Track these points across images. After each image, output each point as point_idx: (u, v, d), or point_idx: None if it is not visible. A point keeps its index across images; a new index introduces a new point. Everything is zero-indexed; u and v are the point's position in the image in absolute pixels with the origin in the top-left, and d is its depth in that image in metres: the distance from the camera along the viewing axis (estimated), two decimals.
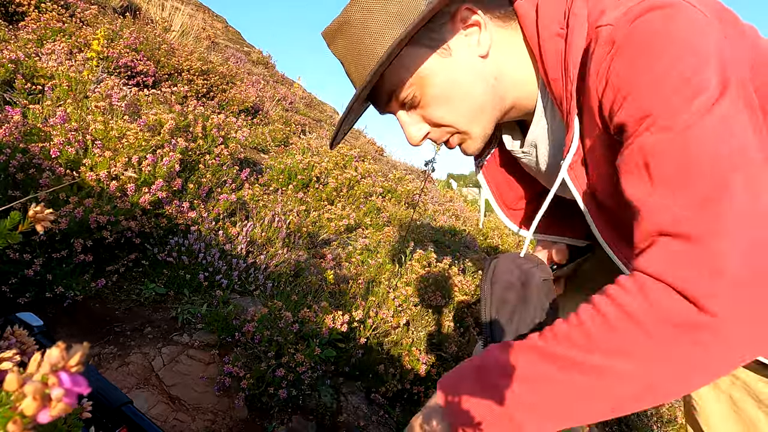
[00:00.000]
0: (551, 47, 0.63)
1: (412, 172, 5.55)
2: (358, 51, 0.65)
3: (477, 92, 0.67)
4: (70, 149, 1.50)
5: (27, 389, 0.15)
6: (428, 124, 0.71)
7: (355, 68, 0.67)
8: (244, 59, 5.65)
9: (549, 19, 0.64)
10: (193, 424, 1.18)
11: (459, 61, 0.66)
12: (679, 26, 0.51)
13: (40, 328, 0.77)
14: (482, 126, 0.71)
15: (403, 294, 1.91)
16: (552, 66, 0.63)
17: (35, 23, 2.53)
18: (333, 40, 0.68)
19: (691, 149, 0.49)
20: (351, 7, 0.65)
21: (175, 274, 1.58)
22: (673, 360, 0.47)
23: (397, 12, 0.62)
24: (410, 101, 0.68)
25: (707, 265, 0.46)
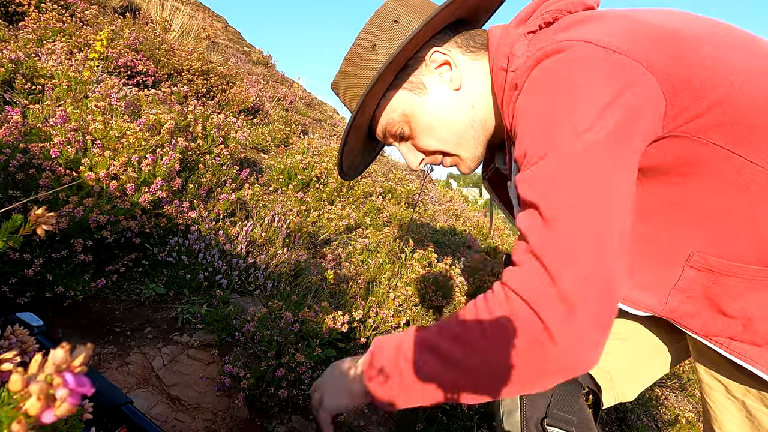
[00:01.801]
0: (498, 80, 0.72)
1: (411, 172, 5.55)
2: (351, 99, 0.80)
3: (455, 120, 0.77)
4: (69, 149, 1.50)
5: (32, 389, 0.15)
6: (421, 152, 0.83)
7: (348, 101, 0.81)
8: (244, 59, 5.64)
9: (498, 53, 0.72)
10: (193, 424, 1.18)
11: (435, 97, 0.77)
12: (562, 71, 0.58)
13: (40, 328, 0.77)
14: (469, 149, 0.80)
15: (404, 294, 1.91)
16: (501, 97, 0.72)
17: (35, 23, 2.53)
18: (338, 91, 0.83)
19: (546, 183, 0.56)
20: (345, 62, 0.79)
21: (175, 274, 1.58)
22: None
23: (374, 64, 0.75)
24: (401, 135, 0.81)
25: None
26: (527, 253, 0.54)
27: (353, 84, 0.78)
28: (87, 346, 0.18)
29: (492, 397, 0.56)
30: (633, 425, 2.07)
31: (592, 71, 0.54)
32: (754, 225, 0.59)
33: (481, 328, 0.56)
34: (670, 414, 2.16)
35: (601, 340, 0.51)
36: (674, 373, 2.66)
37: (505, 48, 0.71)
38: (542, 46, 0.61)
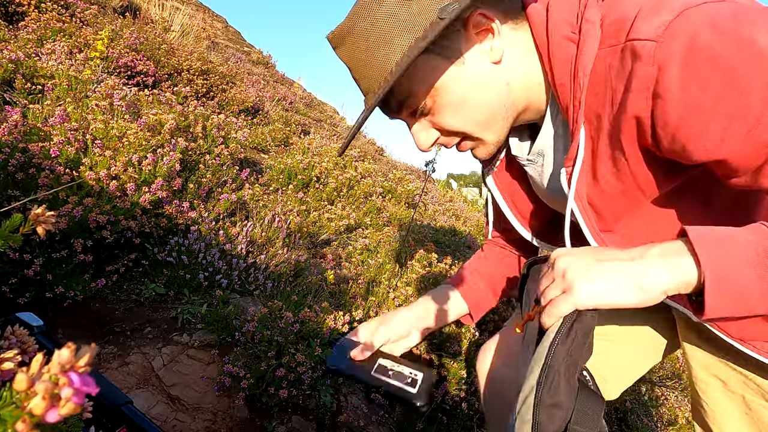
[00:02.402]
0: (560, 51, 0.61)
1: (412, 172, 5.56)
2: (367, 60, 0.63)
3: (490, 100, 0.66)
4: (69, 149, 1.50)
5: (38, 388, 0.15)
6: (438, 131, 0.70)
7: (364, 77, 0.65)
8: (244, 59, 5.64)
9: (560, 21, 0.61)
10: (193, 424, 1.18)
11: (472, 70, 0.64)
12: (735, 35, 0.47)
13: (40, 328, 0.77)
14: (495, 133, 0.69)
15: (404, 294, 1.91)
16: (560, 71, 0.62)
17: (35, 23, 2.53)
18: (339, 45, 0.66)
19: None
20: (356, 13, 0.63)
21: (175, 274, 1.58)
22: None
23: (406, 20, 0.60)
24: (421, 109, 0.67)
25: None
26: None
27: (369, 44, 0.62)
28: (91, 346, 0.18)
29: None
30: (633, 425, 2.07)
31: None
32: None
33: None
34: (670, 414, 2.16)
35: None
36: (674, 373, 2.66)
37: (567, 14, 0.61)
38: (660, 15, 0.51)
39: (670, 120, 0.52)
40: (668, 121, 0.52)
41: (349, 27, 0.64)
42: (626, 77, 0.54)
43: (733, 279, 0.48)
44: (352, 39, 0.64)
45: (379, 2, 0.61)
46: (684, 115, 0.51)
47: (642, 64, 0.52)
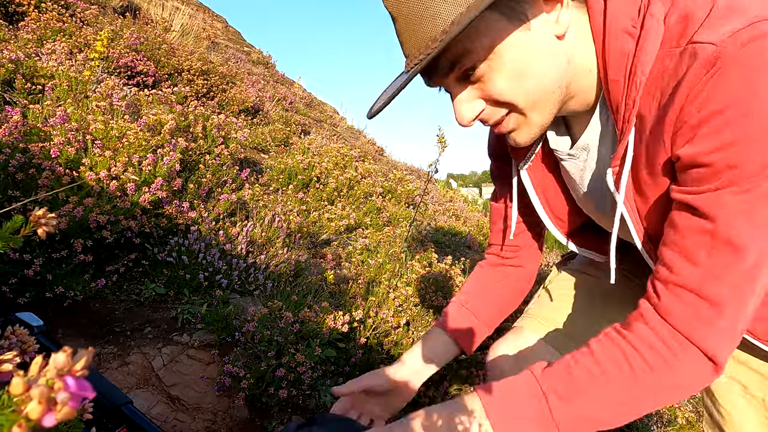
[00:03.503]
0: (617, 45, 0.57)
1: (412, 172, 5.56)
2: (422, 11, 0.55)
3: (548, 74, 0.60)
4: (70, 149, 1.50)
5: (33, 393, 0.15)
6: (485, 101, 0.63)
7: (415, 30, 0.56)
8: (244, 59, 5.64)
9: (620, 12, 0.57)
10: (193, 424, 1.18)
11: (536, 38, 0.58)
12: None
13: (40, 328, 0.77)
14: (543, 114, 0.64)
15: (404, 294, 1.91)
16: (614, 65, 0.58)
17: (35, 23, 2.53)
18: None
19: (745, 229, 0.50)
20: None
21: (175, 274, 1.58)
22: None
23: None
24: (473, 73, 0.60)
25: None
26: (695, 292, 0.54)
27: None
28: (89, 350, 0.18)
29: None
30: (633, 425, 2.07)
31: None
32: None
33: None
34: (670, 414, 2.16)
35: None
36: None
37: (629, 5, 0.57)
38: (733, 24, 0.49)
39: (695, 111, 0.51)
40: (692, 112, 0.52)
41: None
42: (678, 79, 0.52)
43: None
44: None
45: None
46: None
47: (696, 67, 0.50)
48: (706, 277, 0.53)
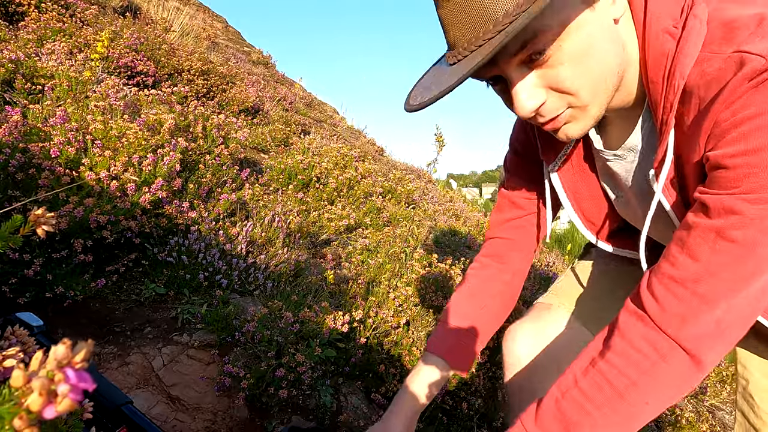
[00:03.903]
0: (658, 44, 0.55)
1: (412, 172, 5.56)
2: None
3: (609, 59, 0.57)
4: (69, 149, 1.50)
5: (34, 384, 0.15)
6: (549, 89, 0.58)
7: (477, 11, 0.51)
8: (244, 59, 5.65)
9: (661, 9, 0.55)
10: (193, 424, 1.18)
11: (600, 18, 0.55)
12: None
13: (40, 328, 0.77)
14: (600, 104, 0.60)
15: (404, 294, 1.91)
16: (654, 65, 0.56)
17: (35, 23, 2.53)
18: None
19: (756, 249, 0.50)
20: None
21: (175, 274, 1.58)
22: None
23: None
24: (539, 57, 0.55)
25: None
26: (690, 287, 0.54)
27: None
28: (88, 342, 0.18)
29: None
30: None
31: None
32: None
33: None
34: (670, 414, 2.16)
35: None
36: None
37: (670, 3, 0.55)
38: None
39: (731, 117, 0.51)
40: (727, 118, 0.51)
41: None
42: (721, 86, 0.51)
43: None
44: None
45: None
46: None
47: (741, 76, 0.49)
48: (704, 272, 0.53)
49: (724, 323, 0.54)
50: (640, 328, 0.58)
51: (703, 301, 0.53)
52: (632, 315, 0.59)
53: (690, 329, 0.54)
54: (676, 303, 0.55)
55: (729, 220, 0.51)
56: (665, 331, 0.55)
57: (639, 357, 0.57)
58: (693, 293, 0.54)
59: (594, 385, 0.59)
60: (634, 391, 0.57)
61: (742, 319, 0.55)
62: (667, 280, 0.56)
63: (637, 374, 0.56)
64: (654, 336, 0.56)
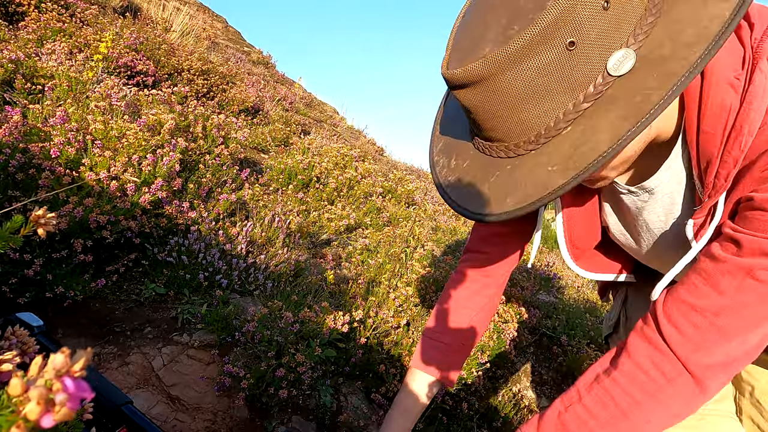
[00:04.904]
0: (717, 96, 0.53)
1: (412, 172, 5.56)
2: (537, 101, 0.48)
3: (639, 143, 0.57)
4: (70, 149, 1.50)
5: (31, 394, 0.15)
6: None
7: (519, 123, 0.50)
8: (244, 59, 5.64)
9: (722, 61, 0.53)
10: (193, 424, 1.18)
11: None
12: None
13: (40, 328, 0.77)
14: (621, 172, 0.62)
15: (404, 294, 1.91)
16: (711, 118, 0.54)
17: (35, 23, 2.53)
18: (480, 79, 0.48)
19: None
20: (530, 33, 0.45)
21: (175, 274, 1.58)
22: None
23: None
24: None
25: None
26: (710, 318, 0.56)
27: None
28: (87, 350, 0.18)
29: None
30: None
31: None
32: None
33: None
34: None
35: None
36: None
37: (731, 57, 0.53)
38: None
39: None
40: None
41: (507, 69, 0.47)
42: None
43: None
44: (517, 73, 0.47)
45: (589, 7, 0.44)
46: None
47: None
48: (726, 307, 0.54)
49: (734, 356, 0.55)
50: (649, 350, 0.59)
51: (720, 334, 0.54)
52: (643, 338, 0.60)
53: (702, 357, 0.55)
54: (692, 330, 0.56)
55: (762, 262, 0.52)
56: (678, 355, 0.56)
57: (645, 379, 0.58)
58: (712, 324, 0.55)
59: (598, 401, 0.60)
60: (637, 410, 0.58)
61: (750, 354, 0.56)
62: (686, 308, 0.57)
63: (642, 395, 0.57)
64: (662, 359, 0.57)
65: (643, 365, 0.58)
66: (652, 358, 0.58)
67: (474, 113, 0.53)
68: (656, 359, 0.58)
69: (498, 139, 0.54)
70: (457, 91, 0.52)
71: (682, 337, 0.56)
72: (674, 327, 0.57)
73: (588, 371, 0.64)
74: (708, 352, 0.55)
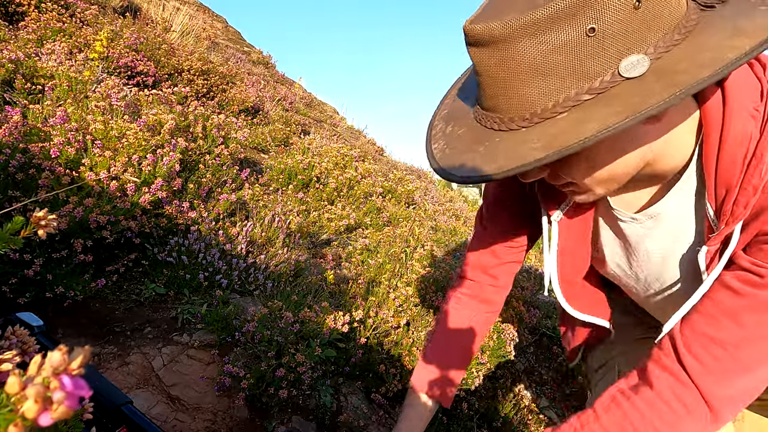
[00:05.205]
0: (739, 125, 0.53)
1: (412, 172, 5.56)
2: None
3: (625, 161, 0.57)
4: (70, 149, 1.50)
5: (29, 392, 0.15)
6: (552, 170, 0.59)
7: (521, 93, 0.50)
8: (244, 59, 5.64)
9: (742, 92, 0.54)
10: (193, 424, 1.18)
11: (656, 129, 0.56)
12: None
13: (40, 328, 0.77)
14: (609, 188, 0.61)
15: (404, 294, 1.91)
16: (732, 147, 0.54)
17: (35, 23, 2.53)
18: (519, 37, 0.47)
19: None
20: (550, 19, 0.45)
21: (175, 274, 1.58)
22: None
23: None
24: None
25: None
26: (730, 351, 0.56)
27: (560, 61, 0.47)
28: (85, 348, 0.18)
29: None
30: None
31: None
32: None
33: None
34: None
35: None
36: None
37: (750, 88, 0.54)
38: None
39: None
40: None
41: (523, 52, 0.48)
42: None
43: None
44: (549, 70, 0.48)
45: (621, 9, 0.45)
46: None
47: None
48: (747, 340, 0.55)
49: (751, 386, 0.56)
50: (671, 381, 0.59)
51: (741, 366, 0.55)
52: (663, 368, 0.60)
53: (722, 390, 0.56)
54: (713, 362, 0.56)
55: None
56: (699, 387, 0.57)
57: (666, 409, 0.58)
58: (732, 357, 0.55)
59: (617, 424, 0.60)
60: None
61: (763, 385, 0.57)
62: (706, 340, 0.57)
63: (661, 424, 0.58)
64: (683, 391, 0.58)
65: (664, 395, 0.59)
66: (674, 389, 0.58)
67: (481, 75, 0.53)
68: (677, 390, 0.58)
69: (495, 110, 0.54)
70: (472, 48, 0.52)
71: (704, 369, 0.57)
72: (695, 359, 0.57)
73: (605, 393, 0.64)
74: (728, 384, 0.56)
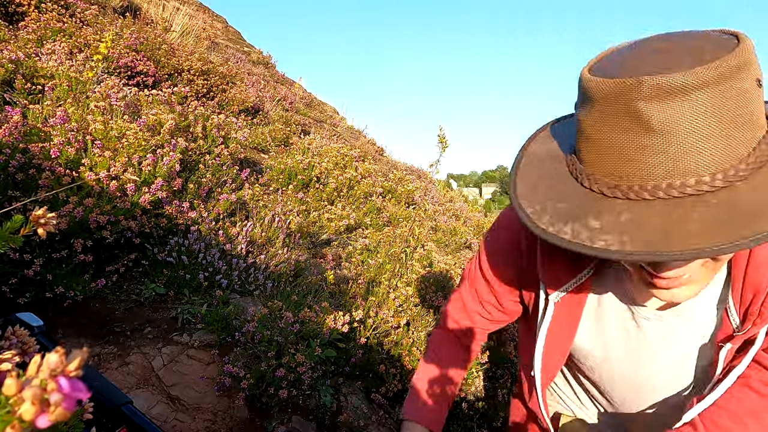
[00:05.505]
0: None
1: (412, 172, 5.56)
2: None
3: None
4: (70, 149, 1.50)
5: (26, 394, 0.15)
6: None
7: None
8: (244, 59, 5.64)
9: None
10: (193, 424, 1.18)
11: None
12: None
13: (40, 328, 0.77)
14: (700, 290, 0.55)
15: (404, 294, 1.91)
16: (765, 248, 0.54)
17: (35, 23, 2.53)
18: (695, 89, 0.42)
19: None
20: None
21: (175, 274, 1.58)
22: None
23: None
24: None
25: None
26: None
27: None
28: (83, 350, 0.18)
29: None
30: None
31: None
32: None
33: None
34: None
35: None
36: None
37: None
38: None
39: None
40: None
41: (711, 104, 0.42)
42: None
43: None
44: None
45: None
46: None
47: None
48: None
49: None
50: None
51: None
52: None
53: None
54: None
55: None
56: None
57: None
58: None
59: (749, 411, 0.60)
60: None
61: None
62: None
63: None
64: None
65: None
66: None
67: (664, 131, 0.43)
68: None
69: (678, 174, 0.45)
70: (652, 102, 0.43)
71: None
72: None
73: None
74: None
